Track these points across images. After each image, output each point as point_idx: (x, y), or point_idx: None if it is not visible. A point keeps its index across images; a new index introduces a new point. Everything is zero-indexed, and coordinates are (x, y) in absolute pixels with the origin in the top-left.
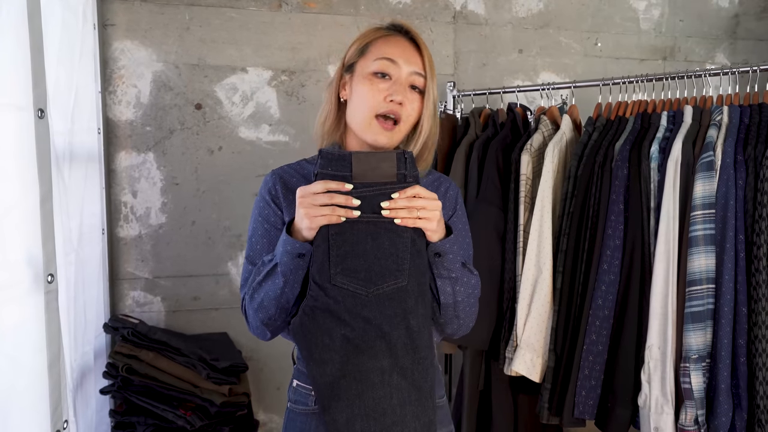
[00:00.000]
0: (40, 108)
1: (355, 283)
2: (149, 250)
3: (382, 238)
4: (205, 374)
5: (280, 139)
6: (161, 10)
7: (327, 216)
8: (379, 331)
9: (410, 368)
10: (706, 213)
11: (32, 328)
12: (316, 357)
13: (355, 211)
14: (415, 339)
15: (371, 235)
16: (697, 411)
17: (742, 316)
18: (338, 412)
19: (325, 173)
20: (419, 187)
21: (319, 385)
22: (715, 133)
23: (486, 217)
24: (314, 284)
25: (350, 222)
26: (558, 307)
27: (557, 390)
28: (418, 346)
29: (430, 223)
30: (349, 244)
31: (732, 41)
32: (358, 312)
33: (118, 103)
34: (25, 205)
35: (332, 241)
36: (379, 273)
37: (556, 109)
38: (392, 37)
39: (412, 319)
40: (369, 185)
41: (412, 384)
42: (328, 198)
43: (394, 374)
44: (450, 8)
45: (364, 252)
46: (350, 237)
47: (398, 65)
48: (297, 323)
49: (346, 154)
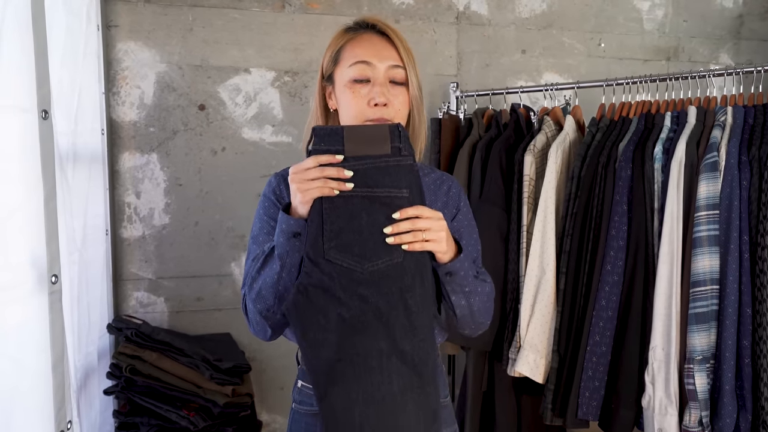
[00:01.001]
0: (44, 109)
1: (350, 258)
2: (152, 250)
3: (378, 213)
4: (208, 375)
5: (283, 139)
6: (164, 11)
7: (319, 188)
8: (376, 310)
9: (410, 352)
10: (710, 214)
11: (36, 328)
12: (310, 337)
13: (348, 183)
14: (413, 320)
15: (366, 210)
16: (701, 412)
17: (746, 317)
18: (335, 397)
19: (318, 149)
20: (422, 207)
21: (314, 369)
22: (719, 133)
23: (489, 218)
24: (308, 260)
25: (344, 196)
26: (561, 308)
27: (560, 391)
28: (417, 327)
29: (439, 245)
30: (343, 218)
31: (736, 41)
32: (353, 289)
33: (122, 104)
34: (28, 205)
35: (326, 216)
36: (374, 249)
37: (559, 110)
38: (361, 36)
39: (409, 298)
40: (362, 158)
41: (413, 369)
42: (319, 171)
43: (393, 358)
44: (453, 9)
45: (358, 227)
46: (344, 211)
47: (373, 65)
48: (290, 301)
49: (338, 129)
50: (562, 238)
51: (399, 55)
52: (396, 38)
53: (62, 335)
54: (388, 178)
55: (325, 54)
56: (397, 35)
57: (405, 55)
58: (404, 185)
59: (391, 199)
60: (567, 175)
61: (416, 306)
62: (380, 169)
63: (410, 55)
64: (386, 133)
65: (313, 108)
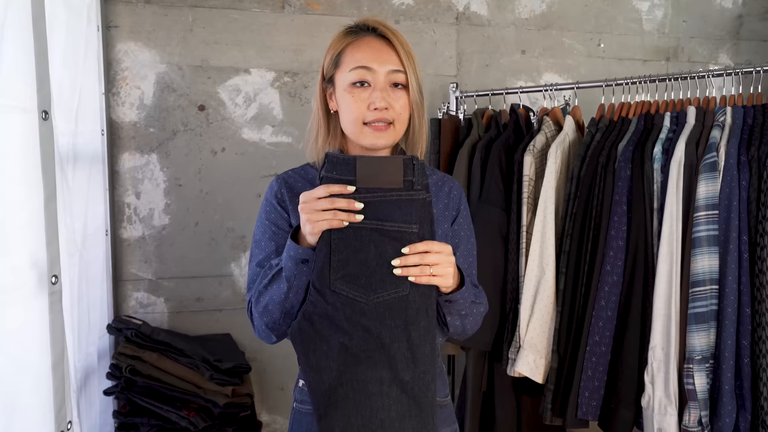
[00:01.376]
0: (45, 110)
1: (355, 290)
2: (152, 251)
3: (386, 246)
4: (208, 375)
5: (283, 140)
6: (165, 11)
7: (328, 221)
8: (379, 341)
9: (410, 383)
10: (710, 214)
11: (36, 329)
12: (313, 363)
13: (357, 215)
14: (415, 352)
15: (374, 242)
16: (700, 412)
17: (745, 317)
18: (335, 420)
19: (330, 177)
20: (431, 243)
21: (315, 391)
22: (718, 134)
23: (489, 218)
24: (314, 290)
25: (353, 228)
26: (561, 308)
27: (560, 391)
28: (419, 360)
29: (445, 280)
30: (351, 250)
31: (735, 42)
32: (357, 320)
33: (122, 105)
34: (29, 206)
35: (333, 246)
36: (380, 281)
37: (559, 110)
38: (362, 39)
39: (413, 331)
40: (374, 191)
41: (412, 398)
42: (329, 202)
43: (393, 387)
44: (453, 9)
45: (365, 259)
46: (352, 243)
47: (373, 70)
48: (296, 328)
49: (350, 158)
50: (562, 239)
51: (399, 59)
52: (397, 41)
53: (62, 336)
54: (398, 212)
55: (326, 56)
56: (398, 38)
57: (406, 58)
58: (414, 221)
59: (401, 234)
60: (566, 175)
61: (419, 339)
62: (391, 203)
63: (411, 58)
64: (399, 165)
65: (314, 109)
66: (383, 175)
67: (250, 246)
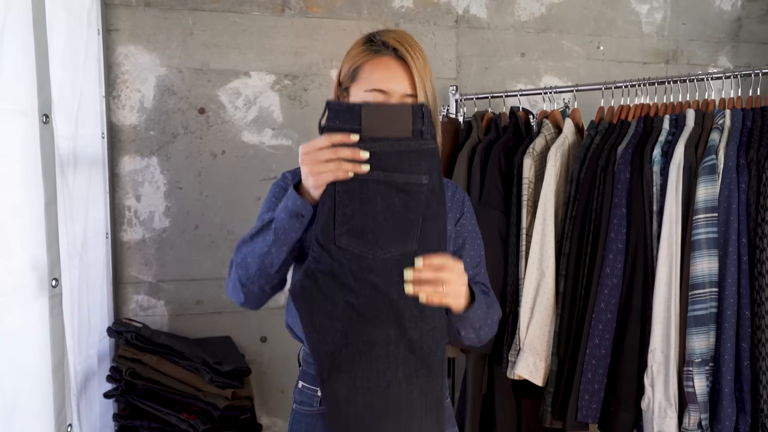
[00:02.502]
0: (45, 113)
1: (362, 245)
2: (153, 254)
3: (394, 199)
4: (208, 378)
5: (283, 143)
6: (165, 15)
7: (332, 172)
8: (386, 298)
9: (418, 341)
10: (709, 216)
11: (36, 332)
12: (317, 324)
13: (363, 165)
14: (423, 309)
15: (381, 195)
16: (700, 415)
17: (745, 319)
18: (339, 384)
19: (332, 126)
20: (447, 259)
21: (319, 353)
22: (717, 136)
23: (489, 221)
24: (317, 245)
25: (359, 179)
26: (561, 311)
27: (560, 394)
28: (427, 316)
29: (457, 301)
30: (357, 203)
31: (735, 44)
32: (364, 277)
33: (122, 108)
34: (29, 209)
35: (338, 199)
36: (388, 236)
37: (558, 113)
38: (380, 59)
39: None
40: (381, 140)
41: (420, 358)
42: (332, 152)
43: (401, 346)
44: (452, 12)
45: (372, 212)
46: (358, 195)
47: (388, 94)
48: (298, 286)
49: (355, 106)
50: (562, 241)
51: (413, 85)
52: (413, 65)
53: (62, 339)
54: (407, 162)
55: (344, 64)
56: (415, 61)
57: (419, 83)
58: (425, 171)
59: (410, 186)
60: (566, 178)
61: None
62: (399, 153)
63: (424, 81)
64: (408, 113)
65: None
66: (391, 124)
67: None
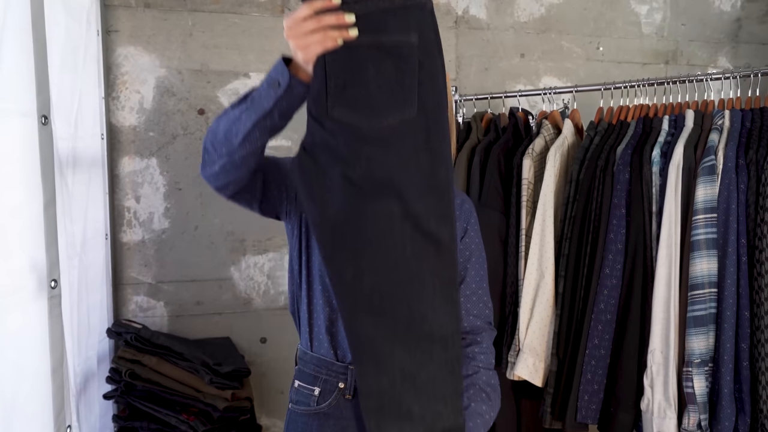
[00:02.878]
0: (44, 114)
1: (356, 115)
2: (152, 255)
3: (386, 63)
4: (207, 379)
5: (282, 144)
6: (164, 16)
7: (320, 42)
8: (385, 171)
9: (425, 216)
10: (708, 217)
11: (36, 333)
12: (316, 197)
13: (351, 30)
14: (429, 179)
15: (372, 61)
16: (700, 415)
17: (744, 320)
18: (343, 264)
19: None
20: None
21: (320, 229)
22: (716, 137)
23: (488, 222)
24: (311, 118)
25: (348, 46)
26: (560, 312)
27: (560, 394)
28: (432, 187)
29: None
30: (348, 71)
31: (734, 45)
32: (359, 149)
33: (122, 109)
34: (28, 210)
35: (329, 69)
36: (384, 104)
37: (557, 114)
38: None
39: (423, 156)
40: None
41: (427, 235)
42: (316, 21)
43: (406, 223)
44: (452, 13)
45: (365, 80)
46: (349, 64)
47: None
48: (295, 162)
49: None
50: (561, 242)
51: None
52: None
53: (62, 340)
54: (394, 20)
55: None
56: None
57: None
58: (413, 27)
59: (400, 49)
60: (565, 178)
61: (431, 164)
62: (384, 12)
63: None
64: None
65: None
66: None
67: (249, 249)
